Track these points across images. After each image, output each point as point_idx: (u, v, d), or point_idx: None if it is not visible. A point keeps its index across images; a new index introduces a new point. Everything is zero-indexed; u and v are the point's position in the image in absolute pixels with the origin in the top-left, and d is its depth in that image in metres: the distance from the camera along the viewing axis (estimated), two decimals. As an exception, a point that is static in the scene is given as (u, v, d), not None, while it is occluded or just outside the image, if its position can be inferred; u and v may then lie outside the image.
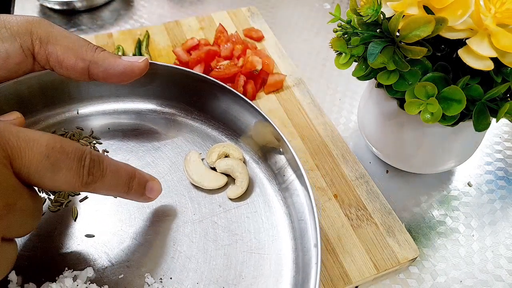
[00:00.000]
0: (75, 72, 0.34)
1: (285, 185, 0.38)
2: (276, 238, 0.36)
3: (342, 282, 0.39)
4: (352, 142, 0.53)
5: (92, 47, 0.34)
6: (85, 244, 0.35)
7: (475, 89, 0.34)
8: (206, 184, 0.38)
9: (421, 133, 0.41)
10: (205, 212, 0.37)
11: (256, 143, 0.40)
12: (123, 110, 0.43)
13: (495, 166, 0.51)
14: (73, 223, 0.36)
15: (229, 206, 0.38)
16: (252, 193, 0.39)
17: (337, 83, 0.61)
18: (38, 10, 0.73)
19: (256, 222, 0.37)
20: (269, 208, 0.38)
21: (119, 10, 0.74)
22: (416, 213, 0.46)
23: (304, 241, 0.34)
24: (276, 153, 0.39)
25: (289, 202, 0.37)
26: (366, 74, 0.38)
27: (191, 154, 0.39)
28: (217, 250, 0.35)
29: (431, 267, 0.42)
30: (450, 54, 0.38)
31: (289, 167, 0.37)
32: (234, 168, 0.38)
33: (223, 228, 0.36)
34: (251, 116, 0.39)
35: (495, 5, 0.32)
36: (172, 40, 0.63)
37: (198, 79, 0.41)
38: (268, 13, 0.72)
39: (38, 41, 0.33)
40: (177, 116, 0.43)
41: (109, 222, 0.36)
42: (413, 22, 0.33)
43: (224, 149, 0.40)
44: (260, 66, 0.56)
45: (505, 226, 0.45)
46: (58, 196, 0.37)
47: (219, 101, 0.41)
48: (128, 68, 0.35)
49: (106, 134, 0.42)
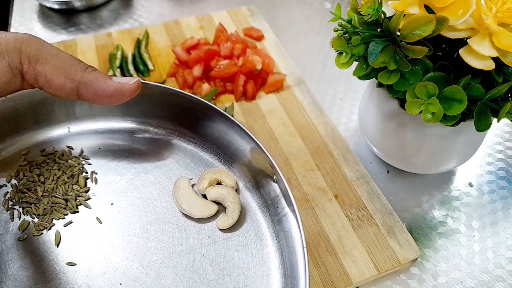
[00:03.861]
0: (64, 92, 0.33)
1: (278, 218, 0.36)
2: (265, 275, 0.34)
3: (342, 282, 0.39)
4: (352, 142, 0.53)
5: (82, 67, 0.33)
6: (66, 273, 0.34)
7: (476, 89, 0.34)
8: (195, 213, 0.37)
9: (422, 133, 0.40)
10: (192, 243, 0.36)
11: (250, 170, 0.39)
12: (115, 130, 0.42)
13: (496, 166, 0.51)
14: (55, 249, 0.35)
15: (218, 237, 0.36)
16: (244, 223, 0.37)
17: (338, 83, 0.61)
18: (37, 10, 0.73)
19: (245, 257, 0.35)
20: (261, 241, 0.36)
21: (119, 9, 0.73)
22: (417, 214, 0.46)
23: (294, 283, 0.32)
24: (270, 183, 0.37)
25: (281, 237, 0.36)
26: (367, 74, 0.38)
27: (181, 181, 0.38)
28: (202, 285, 0.34)
29: (432, 267, 0.42)
30: (451, 54, 0.37)
31: (283, 200, 0.36)
32: (225, 197, 0.37)
33: (211, 261, 0.35)
34: (246, 142, 0.38)
35: (496, 4, 0.31)
36: (172, 39, 0.63)
37: (192, 101, 0.39)
38: (268, 12, 0.72)
39: (27, 59, 0.32)
40: (171, 138, 0.42)
41: (92, 249, 0.35)
42: (414, 21, 0.32)
43: (216, 175, 0.38)
44: (260, 65, 0.56)
45: (506, 227, 0.45)
46: (41, 220, 0.36)
47: (214, 125, 0.40)
48: (118, 90, 0.34)
49: (97, 154, 0.41)
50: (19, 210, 0.36)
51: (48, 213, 0.37)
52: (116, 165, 0.40)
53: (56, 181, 0.38)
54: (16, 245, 0.35)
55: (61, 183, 0.38)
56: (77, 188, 0.38)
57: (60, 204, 0.37)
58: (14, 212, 0.36)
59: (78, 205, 0.37)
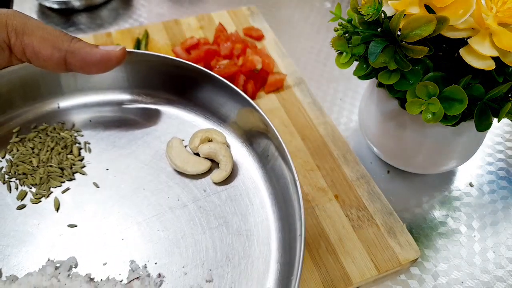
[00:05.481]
0: (52, 63, 0.34)
1: (269, 166, 0.37)
2: (262, 219, 0.36)
3: (342, 283, 0.39)
4: (353, 142, 0.53)
5: (68, 37, 0.34)
6: (67, 234, 0.35)
7: (477, 89, 0.34)
8: (190, 169, 0.38)
9: (422, 133, 0.40)
10: (189, 197, 0.37)
11: (240, 127, 0.40)
12: (104, 102, 0.43)
13: (497, 166, 0.51)
14: (55, 214, 0.36)
15: (214, 190, 0.37)
16: (237, 176, 0.38)
17: (338, 83, 0.60)
18: (37, 9, 0.73)
19: (242, 205, 0.37)
20: (255, 190, 0.37)
21: (118, 9, 0.73)
22: (417, 214, 0.46)
23: (289, 220, 0.33)
24: (259, 136, 0.38)
25: (274, 183, 0.37)
26: (367, 74, 0.38)
27: (173, 141, 0.39)
28: (203, 233, 0.35)
29: (432, 268, 0.42)
30: (451, 54, 0.37)
31: (272, 146, 0.37)
32: (217, 152, 0.38)
33: (208, 212, 0.36)
34: (235, 101, 0.39)
35: (497, 4, 0.31)
36: (172, 39, 0.63)
37: (179, 65, 0.40)
38: (268, 12, 0.72)
39: (13, 32, 0.33)
40: (159, 105, 0.43)
41: (91, 211, 0.36)
42: (414, 21, 0.32)
43: (207, 134, 0.39)
44: (260, 65, 0.56)
45: (507, 227, 0.45)
46: (39, 189, 0.37)
47: (203, 88, 0.41)
48: (105, 56, 0.35)
49: (88, 127, 0.41)
50: (16, 182, 0.37)
51: (44, 182, 0.37)
52: (108, 134, 0.41)
53: (51, 152, 0.39)
54: (15, 213, 0.36)
55: (55, 153, 0.39)
56: (71, 157, 0.39)
57: (56, 172, 0.38)
58: (11, 184, 0.37)
59: (74, 173, 0.38)
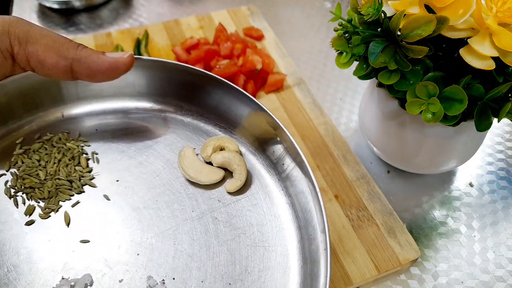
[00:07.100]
0: (58, 71, 0.33)
1: (285, 174, 0.37)
2: (280, 229, 0.35)
3: (342, 283, 0.39)
4: (353, 142, 0.53)
5: (74, 45, 0.33)
6: (80, 251, 0.34)
7: (477, 89, 0.34)
8: (204, 179, 0.37)
9: (422, 133, 0.40)
10: (204, 208, 0.36)
11: (252, 134, 0.39)
12: (110, 110, 0.42)
13: (497, 166, 0.51)
14: (66, 229, 0.35)
15: (229, 200, 0.37)
16: (251, 185, 0.38)
17: (338, 83, 0.60)
18: (37, 9, 0.73)
19: (258, 215, 0.36)
20: (270, 199, 0.37)
21: (118, 9, 0.73)
22: (417, 214, 0.46)
23: (309, 230, 0.33)
24: (273, 143, 0.38)
25: (291, 192, 0.36)
26: (367, 74, 0.38)
27: (185, 150, 0.38)
28: (220, 246, 0.34)
29: (432, 268, 0.42)
30: (451, 54, 0.37)
31: (288, 155, 0.36)
32: (231, 160, 0.37)
33: (224, 223, 0.35)
34: (244, 106, 0.38)
35: (497, 4, 0.31)
36: (172, 39, 0.63)
37: (186, 71, 0.39)
38: (268, 12, 0.72)
39: (16, 41, 0.31)
40: (167, 113, 0.42)
41: (103, 225, 0.35)
42: (414, 21, 0.32)
43: (219, 142, 0.38)
44: (260, 65, 0.55)
45: (507, 227, 0.45)
46: (48, 203, 0.36)
47: (210, 92, 0.40)
48: (113, 64, 0.33)
49: (94, 136, 0.40)
50: (23, 196, 0.36)
51: (53, 195, 0.36)
52: (116, 144, 0.40)
53: (58, 164, 0.38)
54: (24, 230, 0.34)
55: (63, 165, 0.38)
56: (79, 169, 0.38)
57: (65, 185, 0.37)
58: (18, 198, 0.36)
59: (83, 185, 0.37)
